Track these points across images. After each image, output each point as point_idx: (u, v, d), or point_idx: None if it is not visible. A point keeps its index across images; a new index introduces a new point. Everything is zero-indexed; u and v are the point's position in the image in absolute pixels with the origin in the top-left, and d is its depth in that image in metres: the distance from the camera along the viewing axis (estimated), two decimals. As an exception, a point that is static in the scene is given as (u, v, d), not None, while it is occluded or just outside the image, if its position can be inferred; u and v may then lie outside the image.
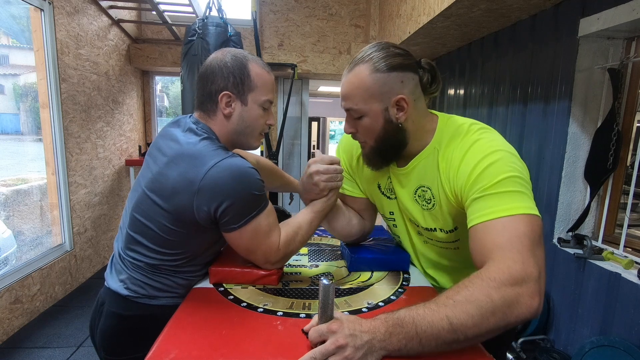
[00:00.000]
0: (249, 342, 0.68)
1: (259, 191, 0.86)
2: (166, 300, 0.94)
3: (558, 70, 2.10)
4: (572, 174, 2.08)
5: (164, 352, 0.64)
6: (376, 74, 0.81)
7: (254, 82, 0.90)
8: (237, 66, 0.90)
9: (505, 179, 0.74)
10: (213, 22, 2.80)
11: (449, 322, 0.61)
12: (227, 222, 0.85)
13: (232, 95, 0.90)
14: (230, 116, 0.91)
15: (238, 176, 0.83)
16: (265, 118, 0.95)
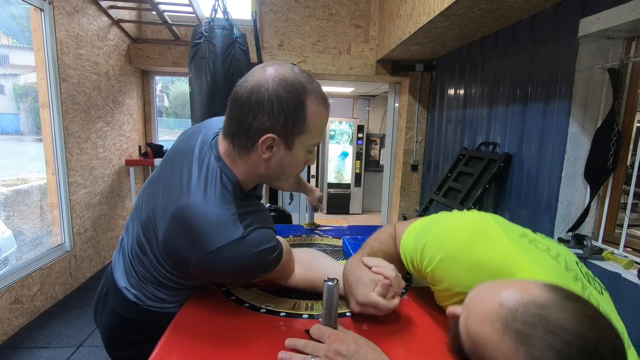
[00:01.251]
0: (251, 343, 0.68)
1: (270, 268, 0.77)
2: (175, 309, 0.87)
3: (558, 70, 2.11)
4: (572, 174, 2.09)
5: (167, 354, 0.64)
6: None
7: (308, 124, 0.72)
8: (292, 103, 0.70)
9: None
10: (219, 24, 2.82)
11: None
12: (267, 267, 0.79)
13: (277, 140, 0.72)
14: (269, 161, 0.75)
15: (245, 265, 0.72)
16: (307, 159, 0.79)
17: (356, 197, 6.26)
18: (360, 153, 6.27)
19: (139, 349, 0.83)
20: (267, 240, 0.75)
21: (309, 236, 1.35)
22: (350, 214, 6.21)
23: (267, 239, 0.75)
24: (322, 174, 6.36)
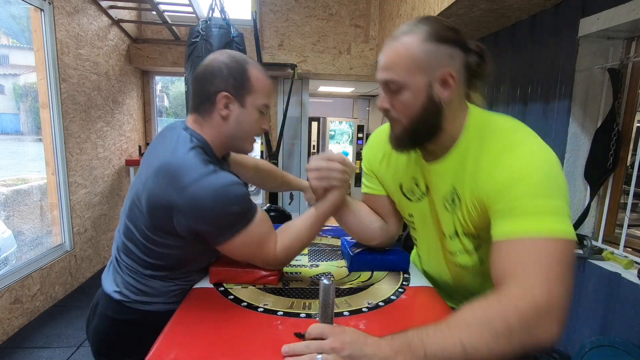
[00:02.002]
0: (249, 342, 0.68)
1: (242, 206, 0.83)
2: (158, 306, 0.94)
3: (558, 70, 2.10)
4: (572, 174, 2.08)
5: (164, 352, 0.64)
6: (425, 44, 0.72)
7: (253, 85, 0.89)
8: (237, 68, 0.89)
9: (545, 195, 0.66)
10: (216, 23, 2.82)
11: (462, 347, 0.57)
12: (213, 237, 0.84)
13: (230, 97, 0.88)
14: (227, 118, 0.89)
15: (219, 196, 0.79)
16: (261, 122, 0.94)
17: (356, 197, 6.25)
18: (360, 153, 6.27)
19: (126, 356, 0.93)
20: (236, 180, 0.85)
21: (308, 236, 1.35)
22: (350, 214, 6.21)
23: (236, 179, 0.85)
24: (322, 174, 6.35)
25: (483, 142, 0.76)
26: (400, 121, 0.78)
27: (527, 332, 0.59)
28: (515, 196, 0.68)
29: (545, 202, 0.66)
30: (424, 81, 0.73)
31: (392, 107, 0.77)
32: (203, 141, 0.89)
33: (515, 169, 0.69)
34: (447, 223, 0.85)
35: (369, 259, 1.02)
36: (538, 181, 0.67)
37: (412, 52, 0.72)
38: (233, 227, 0.83)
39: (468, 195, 0.77)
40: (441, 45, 0.72)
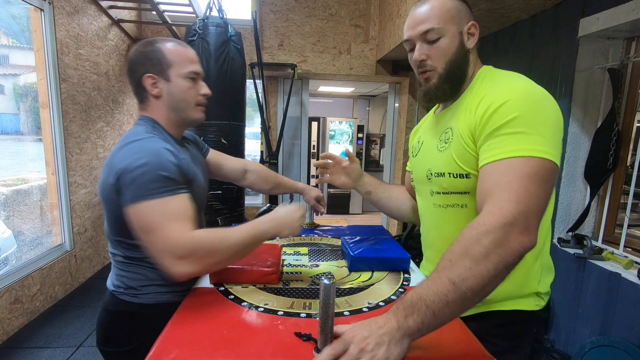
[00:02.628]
0: (249, 342, 0.68)
1: (166, 172, 0.83)
2: (146, 297, 0.95)
3: (558, 70, 2.10)
4: (572, 174, 2.08)
5: (164, 352, 0.64)
6: (453, 1, 0.86)
7: (169, 58, 0.94)
8: (150, 49, 0.95)
9: (518, 118, 0.72)
10: (213, 22, 2.81)
11: (451, 283, 0.62)
12: (126, 195, 0.82)
13: (154, 76, 0.94)
14: (160, 96, 0.96)
15: (144, 153, 0.84)
16: (196, 89, 0.98)
17: (356, 197, 6.26)
18: (360, 153, 6.27)
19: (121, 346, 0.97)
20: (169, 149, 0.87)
21: (309, 236, 1.35)
22: (350, 214, 6.21)
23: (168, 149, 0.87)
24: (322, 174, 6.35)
25: (482, 84, 0.86)
26: (435, 69, 0.87)
27: (501, 247, 0.64)
28: (497, 120, 0.74)
29: (525, 124, 0.72)
30: (456, 30, 0.86)
31: (428, 57, 0.87)
32: (151, 121, 0.97)
33: (501, 95, 0.77)
34: (436, 163, 0.91)
35: (369, 259, 1.02)
36: (520, 105, 0.73)
37: (446, 6, 0.85)
38: (150, 189, 0.81)
39: (461, 128, 0.84)
40: (463, 3, 0.88)
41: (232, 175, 1.30)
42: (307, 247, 1.22)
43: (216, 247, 0.82)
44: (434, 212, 0.95)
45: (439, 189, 0.91)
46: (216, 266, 0.86)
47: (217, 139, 2.92)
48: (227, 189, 2.98)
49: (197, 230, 0.83)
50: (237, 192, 3.10)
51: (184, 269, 0.79)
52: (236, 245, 0.84)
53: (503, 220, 0.65)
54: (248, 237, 0.86)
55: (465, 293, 0.62)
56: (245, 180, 1.33)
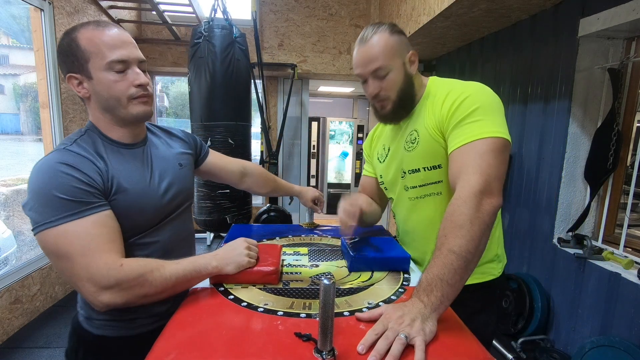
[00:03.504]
0: (249, 342, 0.68)
1: (64, 194, 0.73)
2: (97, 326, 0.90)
3: (558, 70, 2.10)
4: (572, 174, 2.08)
5: (163, 353, 0.64)
6: (394, 35, 0.97)
7: (86, 50, 0.78)
8: (67, 44, 0.80)
9: (478, 108, 0.88)
10: (218, 24, 2.82)
11: (453, 253, 0.74)
12: (32, 223, 0.74)
13: (75, 75, 0.81)
14: (89, 97, 0.83)
15: (40, 171, 0.74)
16: (126, 82, 0.81)
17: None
18: (360, 153, 6.27)
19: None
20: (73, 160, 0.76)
21: (308, 236, 1.35)
22: (350, 214, 6.21)
23: (72, 158, 0.76)
24: (322, 174, 6.36)
25: (437, 91, 1.00)
26: (389, 98, 1.01)
27: (478, 211, 0.78)
28: (460, 113, 0.90)
29: (482, 113, 0.88)
30: (400, 62, 0.99)
31: (382, 89, 1.00)
32: (89, 125, 0.87)
33: (461, 93, 0.92)
34: (408, 162, 1.04)
35: (369, 259, 1.02)
36: (475, 99, 0.90)
37: (389, 43, 0.96)
38: (51, 214, 0.72)
39: (429, 126, 0.97)
40: (401, 36, 0.99)
41: (230, 178, 1.24)
42: (307, 247, 1.22)
43: (146, 279, 0.76)
44: (411, 204, 1.08)
45: (414, 184, 1.04)
46: (148, 298, 0.78)
47: (224, 139, 2.93)
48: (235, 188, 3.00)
49: (125, 258, 0.77)
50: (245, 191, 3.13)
51: (108, 299, 0.73)
52: (169, 277, 0.79)
53: (473, 190, 0.80)
54: (185, 271, 0.81)
55: (465, 257, 0.74)
56: (243, 184, 1.27)
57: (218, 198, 3.02)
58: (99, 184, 0.78)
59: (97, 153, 0.82)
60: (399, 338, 0.64)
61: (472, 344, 0.70)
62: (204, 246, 4.22)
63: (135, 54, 0.83)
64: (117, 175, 0.82)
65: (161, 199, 0.91)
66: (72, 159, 0.77)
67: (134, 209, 0.84)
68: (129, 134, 0.89)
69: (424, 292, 0.73)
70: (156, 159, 0.94)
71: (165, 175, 0.94)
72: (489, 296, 1.09)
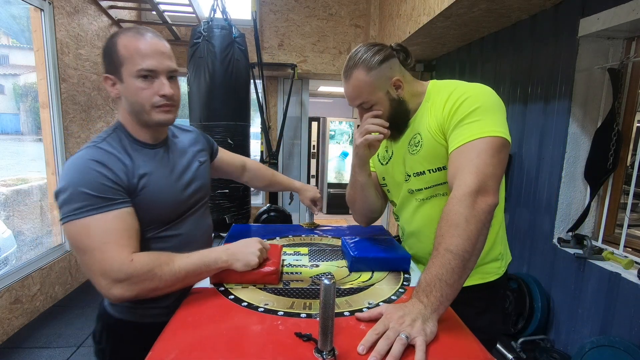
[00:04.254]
0: (249, 342, 0.68)
1: (91, 189, 0.79)
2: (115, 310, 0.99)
3: (558, 70, 2.10)
4: (572, 174, 2.08)
5: (164, 352, 0.64)
6: (371, 72, 0.97)
7: (121, 55, 0.85)
8: (107, 47, 0.87)
9: (478, 108, 0.89)
10: (218, 24, 2.82)
11: (449, 252, 0.75)
12: (60, 214, 0.81)
13: (110, 77, 0.88)
14: (120, 97, 0.90)
15: (73, 166, 0.81)
16: (151, 90, 0.86)
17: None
18: (360, 153, 6.26)
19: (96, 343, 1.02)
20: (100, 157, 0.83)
21: (309, 236, 1.35)
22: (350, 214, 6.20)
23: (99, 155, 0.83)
24: (322, 174, 6.36)
25: (438, 93, 1.00)
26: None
27: (473, 209, 0.78)
28: (460, 114, 0.91)
29: (482, 113, 0.89)
30: (382, 93, 1.00)
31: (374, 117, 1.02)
32: (117, 124, 0.94)
33: (462, 93, 0.93)
34: (412, 165, 1.04)
35: (369, 259, 1.02)
36: (475, 100, 0.90)
37: (366, 81, 0.98)
38: (76, 208, 0.78)
39: (431, 128, 0.98)
40: (380, 66, 0.97)
41: (234, 172, 1.32)
42: (307, 247, 1.22)
43: (155, 273, 0.79)
44: (416, 206, 1.07)
45: (419, 186, 1.04)
46: (158, 291, 0.82)
47: (223, 139, 2.94)
48: (234, 188, 3.01)
49: (136, 253, 0.81)
50: (244, 190, 3.13)
51: (120, 292, 0.78)
52: (179, 271, 0.82)
53: (468, 189, 0.80)
54: (195, 265, 0.84)
55: (462, 255, 0.74)
56: (243, 177, 1.35)
57: (217, 198, 3.03)
58: (124, 181, 0.85)
59: (124, 151, 0.89)
60: (399, 338, 0.64)
61: (473, 344, 0.70)
62: (204, 246, 4.21)
63: (165, 65, 0.88)
64: (142, 172, 0.89)
65: (182, 195, 0.98)
66: (102, 156, 0.84)
67: (157, 203, 0.91)
68: (152, 135, 0.95)
69: (424, 292, 0.73)
70: (177, 157, 1.01)
71: (186, 172, 1.01)
72: (494, 295, 1.09)
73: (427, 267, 0.76)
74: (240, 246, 0.91)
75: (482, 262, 1.04)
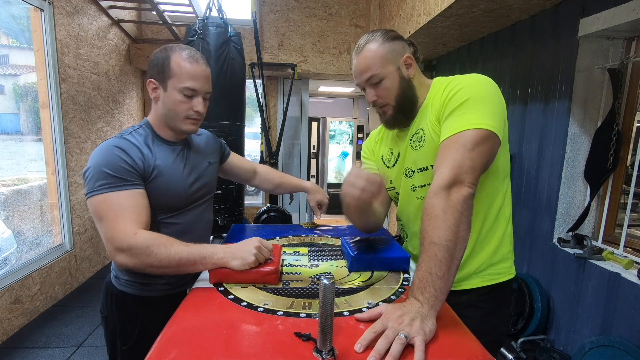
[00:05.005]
0: (249, 342, 0.68)
1: (111, 170, 0.93)
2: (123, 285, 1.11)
3: (558, 70, 2.10)
4: (572, 174, 2.08)
5: (164, 352, 0.64)
6: (385, 44, 0.98)
7: (173, 70, 0.99)
8: (161, 57, 1.01)
9: (468, 100, 0.89)
10: (213, 22, 2.81)
11: (436, 245, 0.76)
12: (85, 190, 0.95)
13: (155, 82, 1.02)
14: (157, 101, 1.04)
15: (99, 150, 0.96)
16: (188, 105, 1.02)
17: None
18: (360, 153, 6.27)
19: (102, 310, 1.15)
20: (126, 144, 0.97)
21: (309, 236, 1.35)
22: (350, 214, 6.20)
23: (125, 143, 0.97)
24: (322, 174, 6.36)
25: (439, 87, 0.99)
26: (387, 104, 1.01)
27: (448, 200, 0.79)
28: (451, 105, 0.90)
29: (472, 105, 0.88)
30: (393, 68, 0.99)
31: (378, 97, 1.01)
32: (145, 122, 1.08)
33: (457, 84, 0.93)
34: (416, 160, 1.03)
35: (369, 259, 1.02)
36: (467, 91, 0.90)
37: (379, 53, 0.98)
38: (99, 185, 0.92)
39: (432, 121, 0.97)
40: (395, 41, 1.00)
41: (245, 176, 1.41)
42: (307, 247, 1.22)
43: (152, 250, 0.88)
44: (419, 204, 1.04)
45: (423, 182, 1.02)
46: (154, 269, 0.90)
47: (217, 139, 2.92)
48: (227, 189, 2.98)
49: (141, 230, 0.91)
50: (237, 191, 3.10)
51: (121, 260, 0.90)
52: (174, 255, 0.89)
53: (443, 182, 0.82)
54: (190, 254, 0.90)
55: (447, 245, 0.75)
56: (254, 181, 1.44)
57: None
58: (139, 167, 0.98)
59: (146, 144, 1.02)
60: (398, 338, 0.64)
61: (472, 343, 0.70)
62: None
63: (205, 89, 1.04)
64: (158, 164, 1.02)
65: (188, 189, 1.09)
66: (125, 144, 0.98)
67: (166, 193, 1.03)
68: (174, 136, 1.09)
69: (418, 290, 0.74)
70: (191, 156, 1.13)
71: (195, 170, 1.12)
72: (502, 297, 1.07)
73: (418, 264, 0.78)
74: (239, 245, 0.93)
75: (491, 263, 1.02)
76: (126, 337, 1.11)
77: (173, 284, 1.12)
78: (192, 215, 1.12)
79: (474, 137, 0.85)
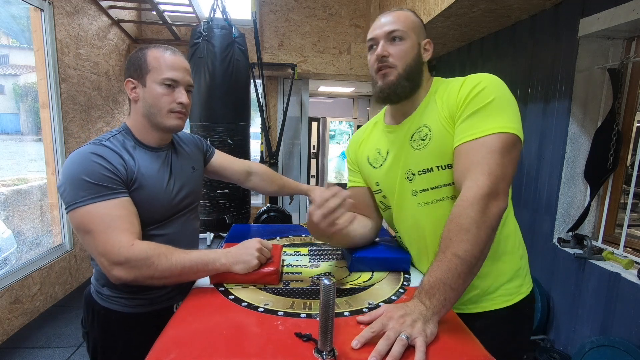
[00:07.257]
0: (249, 342, 0.68)
1: (92, 179, 0.85)
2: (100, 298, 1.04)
3: (558, 70, 2.10)
4: (572, 174, 2.08)
5: (164, 352, 0.64)
6: (415, 17, 0.97)
7: (150, 64, 0.96)
8: (137, 56, 0.98)
9: (494, 101, 0.84)
10: (218, 24, 2.82)
11: (456, 257, 0.73)
12: (64, 203, 0.88)
13: (133, 81, 0.97)
14: (137, 100, 0.98)
15: (74, 159, 0.88)
16: (170, 97, 0.97)
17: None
18: (360, 153, 6.26)
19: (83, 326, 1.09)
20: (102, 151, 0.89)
21: (309, 236, 1.35)
22: (350, 214, 6.19)
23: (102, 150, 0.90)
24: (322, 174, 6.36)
25: (447, 84, 0.96)
26: (395, 67, 0.94)
27: (484, 214, 0.75)
28: (476, 104, 0.85)
29: (497, 106, 0.84)
30: (416, 39, 0.95)
31: (390, 54, 0.94)
32: (123, 127, 1.01)
33: (477, 83, 0.88)
34: (417, 162, 0.94)
35: (369, 259, 1.02)
36: (492, 91, 0.86)
37: (410, 17, 0.96)
38: (80, 196, 0.85)
39: (440, 120, 0.91)
40: (422, 24, 0.99)
41: (235, 177, 1.29)
42: (307, 247, 1.22)
43: (152, 261, 0.84)
44: (419, 211, 0.96)
45: (425, 186, 0.94)
46: (155, 280, 0.86)
47: (223, 139, 2.94)
48: (234, 188, 3.01)
49: (138, 240, 0.86)
50: (244, 190, 3.13)
51: (119, 274, 0.84)
52: (175, 264, 0.85)
53: (481, 191, 0.76)
54: (192, 262, 0.87)
55: (470, 261, 0.73)
56: (249, 183, 1.31)
57: (217, 198, 3.03)
58: (122, 174, 0.91)
59: (125, 149, 0.95)
60: (400, 339, 0.64)
61: (473, 345, 0.69)
62: (203, 246, 4.21)
63: (186, 79, 1.00)
64: (140, 172, 0.95)
65: (172, 200, 1.02)
66: (102, 150, 0.90)
67: (148, 204, 0.96)
68: (158, 139, 1.02)
69: (426, 294, 0.72)
70: (175, 162, 1.06)
71: (180, 178, 1.06)
72: (522, 318, 1.01)
73: (431, 268, 0.75)
74: (239, 249, 0.92)
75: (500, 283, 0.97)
76: (109, 356, 1.05)
77: (159, 299, 1.05)
78: (176, 226, 1.05)
79: (505, 142, 0.80)
